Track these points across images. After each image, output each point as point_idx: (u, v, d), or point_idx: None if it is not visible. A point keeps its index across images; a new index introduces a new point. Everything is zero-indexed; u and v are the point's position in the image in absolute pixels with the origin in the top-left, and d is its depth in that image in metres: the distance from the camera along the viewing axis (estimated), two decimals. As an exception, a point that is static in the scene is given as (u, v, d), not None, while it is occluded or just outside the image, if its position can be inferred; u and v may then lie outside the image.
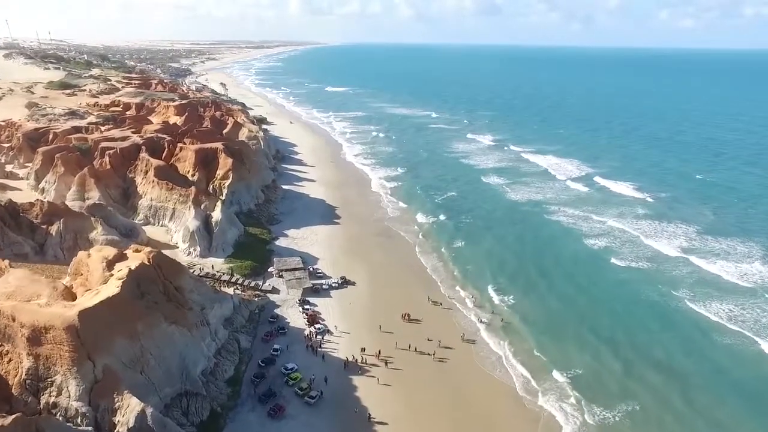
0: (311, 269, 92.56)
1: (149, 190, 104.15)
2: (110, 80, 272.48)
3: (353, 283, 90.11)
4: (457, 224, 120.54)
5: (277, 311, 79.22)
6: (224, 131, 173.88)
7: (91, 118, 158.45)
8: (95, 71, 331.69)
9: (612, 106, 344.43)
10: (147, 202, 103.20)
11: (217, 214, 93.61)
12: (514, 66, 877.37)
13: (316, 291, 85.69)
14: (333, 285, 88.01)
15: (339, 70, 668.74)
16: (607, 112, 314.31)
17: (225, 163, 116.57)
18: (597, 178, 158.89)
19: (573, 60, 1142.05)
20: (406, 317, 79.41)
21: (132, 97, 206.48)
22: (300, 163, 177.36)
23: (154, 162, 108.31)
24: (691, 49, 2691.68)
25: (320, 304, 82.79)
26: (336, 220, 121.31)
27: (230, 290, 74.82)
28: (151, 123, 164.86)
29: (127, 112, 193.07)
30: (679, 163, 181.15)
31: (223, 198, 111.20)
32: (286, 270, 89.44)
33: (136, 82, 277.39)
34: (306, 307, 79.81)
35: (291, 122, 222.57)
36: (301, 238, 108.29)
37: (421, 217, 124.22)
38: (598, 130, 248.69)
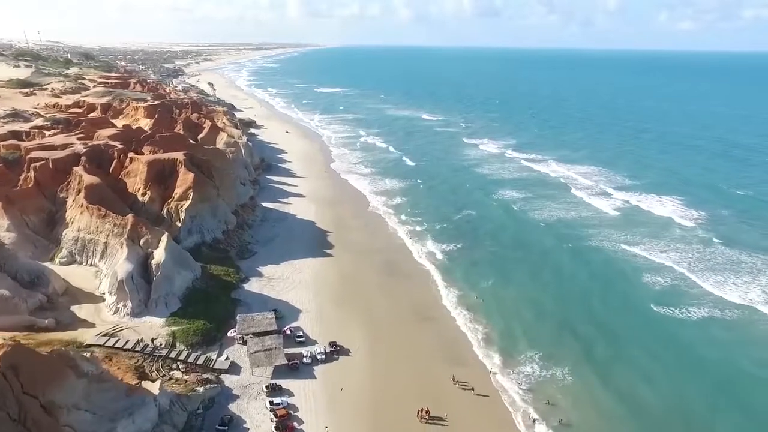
0: (288, 331, 67.07)
1: (77, 217, 78.56)
2: (84, 79, 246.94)
3: (347, 352, 64.63)
4: (479, 255, 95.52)
5: (233, 407, 53.53)
6: (199, 136, 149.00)
7: (38, 121, 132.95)
8: (73, 70, 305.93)
9: (614, 107, 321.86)
10: (73, 234, 77.50)
11: (159, 254, 68.04)
12: (513, 67, 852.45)
13: (294, 368, 60.19)
14: (318, 356, 62.52)
15: (336, 71, 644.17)
16: (610, 113, 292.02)
17: (185, 178, 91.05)
18: (616, 192, 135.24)
19: (573, 62, 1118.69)
20: (424, 415, 53.82)
21: (98, 97, 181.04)
22: (288, 173, 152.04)
23: (87, 178, 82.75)
24: (690, 51, 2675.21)
25: (298, 390, 57.25)
26: (327, 251, 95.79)
27: (156, 386, 49.02)
28: (113, 126, 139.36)
29: (90, 114, 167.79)
30: (702, 172, 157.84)
31: (180, 224, 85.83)
32: (253, 334, 63.89)
33: (113, 81, 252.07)
34: (276, 401, 54.08)
35: (287, 131, 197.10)
36: (279, 279, 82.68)
37: (433, 246, 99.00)
38: (604, 133, 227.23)
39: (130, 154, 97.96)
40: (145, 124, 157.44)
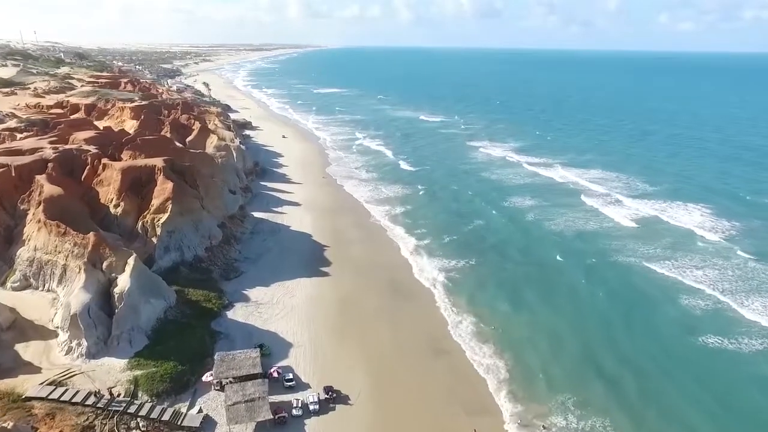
0: (276, 373, 56.63)
1: (34, 234, 68.15)
2: (72, 78, 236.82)
3: (345, 400, 54.21)
4: (490, 274, 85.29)
5: (203, 481, 43.31)
6: (187, 139, 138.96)
7: (11, 123, 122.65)
8: (63, 69, 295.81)
9: (617, 107, 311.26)
10: (29, 254, 67.11)
11: (124, 281, 57.65)
12: (513, 68, 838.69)
13: (281, 423, 49.82)
14: (311, 406, 52.10)
15: (336, 72, 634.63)
16: (612, 114, 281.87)
17: (163, 188, 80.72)
18: (630, 200, 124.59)
19: (573, 62, 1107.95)
20: (440, 489, 43.54)
21: (83, 97, 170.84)
22: (284, 179, 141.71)
23: (48, 189, 72.40)
24: (691, 52, 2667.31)
25: (286, 453, 46.94)
26: (323, 269, 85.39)
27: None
28: (93, 128, 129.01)
29: (74, 115, 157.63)
30: (718, 177, 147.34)
31: (156, 240, 75.45)
32: (233, 378, 53.48)
33: (103, 80, 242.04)
34: (256, 471, 43.88)
35: (284, 136, 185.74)
36: (268, 304, 72.28)
37: (440, 263, 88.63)
38: (609, 134, 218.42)
39: (104, 160, 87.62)
40: (131, 125, 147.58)
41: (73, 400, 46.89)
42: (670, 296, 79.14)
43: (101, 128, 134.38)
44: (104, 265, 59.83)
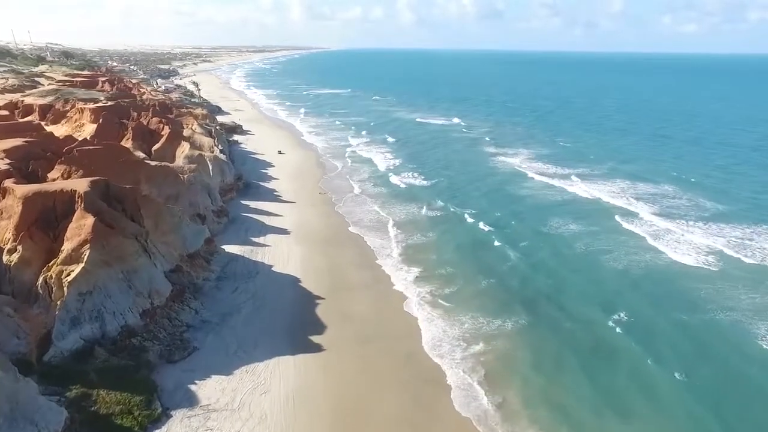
0: None
1: None
2: (43, 76, 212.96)
3: None
4: (533, 349, 58.52)
5: None
6: (153, 148, 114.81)
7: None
8: (41, 68, 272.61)
9: (628, 108, 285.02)
10: None
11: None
12: (516, 70, 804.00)
13: None
14: None
15: (337, 74, 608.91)
16: (625, 115, 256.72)
17: (79, 225, 55.83)
18: (675, 225, 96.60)
19: (578, 64, 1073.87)
20: None
21: (40, 97, 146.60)
22: (271, 196, 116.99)
23: None
24: (695, 53, 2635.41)
25: None
26: (313, 338, 60.14)
27: None
28: (34, 135, 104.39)
29: (26, 118, 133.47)
30: (761, 188, 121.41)
31: (58, 310, 50.52)
32: None
33: (78, 79, 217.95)
34: None
35: (280, 152, 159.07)
36: (225, 411, 46.85)
37: (469, 328, 62.49)
38: (626, 136, 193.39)
39: (6, 183, 62.79)
40: (91, 130, 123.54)
41: None
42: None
43: (47, 134, 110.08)
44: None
